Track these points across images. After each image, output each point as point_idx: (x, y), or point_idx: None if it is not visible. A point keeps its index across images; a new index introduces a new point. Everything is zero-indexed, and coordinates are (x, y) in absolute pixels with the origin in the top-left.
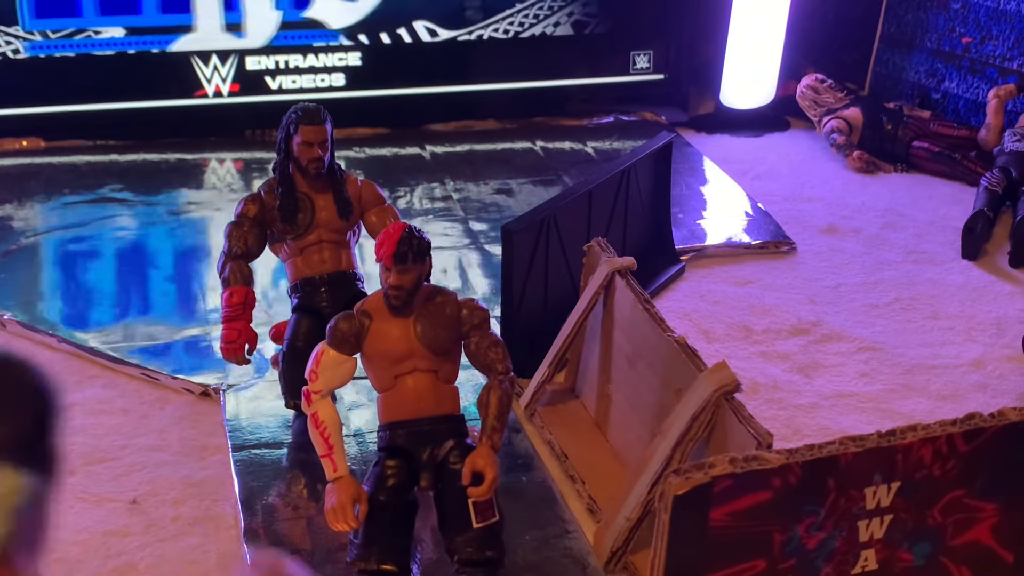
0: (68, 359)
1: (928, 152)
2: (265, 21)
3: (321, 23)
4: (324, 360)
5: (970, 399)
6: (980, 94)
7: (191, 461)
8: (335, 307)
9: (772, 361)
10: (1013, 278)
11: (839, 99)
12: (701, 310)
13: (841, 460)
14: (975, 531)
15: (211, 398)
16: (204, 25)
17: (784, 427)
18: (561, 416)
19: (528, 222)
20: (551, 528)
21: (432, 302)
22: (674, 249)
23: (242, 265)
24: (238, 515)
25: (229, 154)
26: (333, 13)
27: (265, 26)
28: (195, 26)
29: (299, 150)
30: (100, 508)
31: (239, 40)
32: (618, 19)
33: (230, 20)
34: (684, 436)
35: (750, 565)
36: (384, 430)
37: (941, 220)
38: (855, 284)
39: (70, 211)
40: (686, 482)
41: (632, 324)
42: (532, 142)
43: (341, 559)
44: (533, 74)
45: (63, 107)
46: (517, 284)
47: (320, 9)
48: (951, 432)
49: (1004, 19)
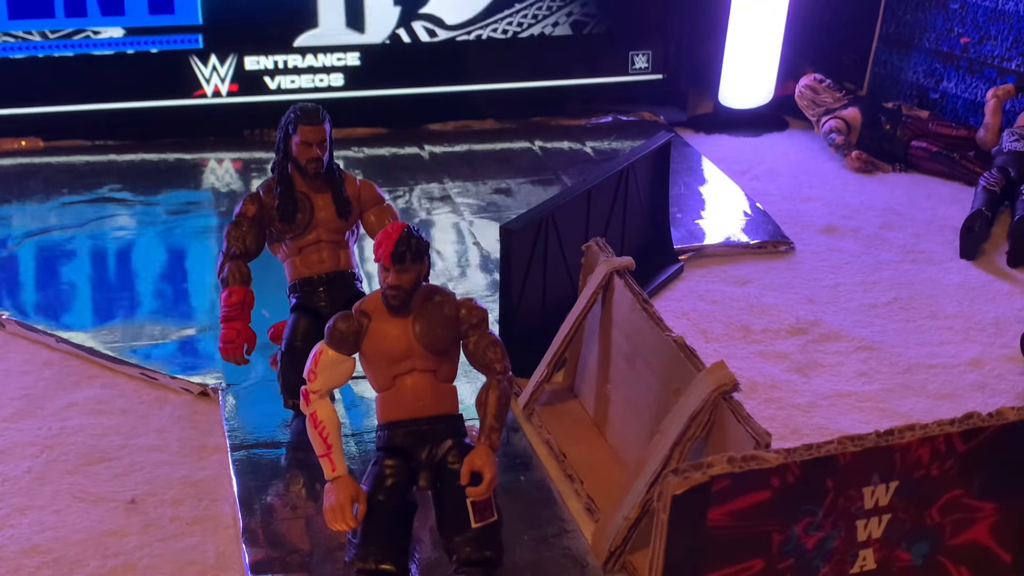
0: (67, 359)
1: (927, 152)
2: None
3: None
4: (323, 360)
5: (968, 399)
6: (978, 94)
7: (190, 461)
8: (333, 307)
9: (770, 361)
10: (1011, 278)
11: (838, 99)
12: (699, 310)
13: (839, 460)
14: (973, 531)
15: (210, 398)
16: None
17: (782, 427)
18: (559, 415)
19: (527, 222)
20: (549, 527)
21: (431, 302)
22: (672, 249)
23: (241, 265)
24: (237, 515)
25: (228, 154)
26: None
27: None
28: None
29: (298, 150)
30: (98, 508)
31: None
32: (617, 19)
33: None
34: (682, 436)
35: (748, 565)
36: (383, 430)
37: (939, 220)
38: (853, 284)
39: (69, 211)
40: (684, 482)
41: (631, 324)
42: (531, 142)
43: (340, 558)
44: (532, 74)
45: (62, 107)
46: (516, 284)
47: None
48: (949, 432)
49: (1002, 19)
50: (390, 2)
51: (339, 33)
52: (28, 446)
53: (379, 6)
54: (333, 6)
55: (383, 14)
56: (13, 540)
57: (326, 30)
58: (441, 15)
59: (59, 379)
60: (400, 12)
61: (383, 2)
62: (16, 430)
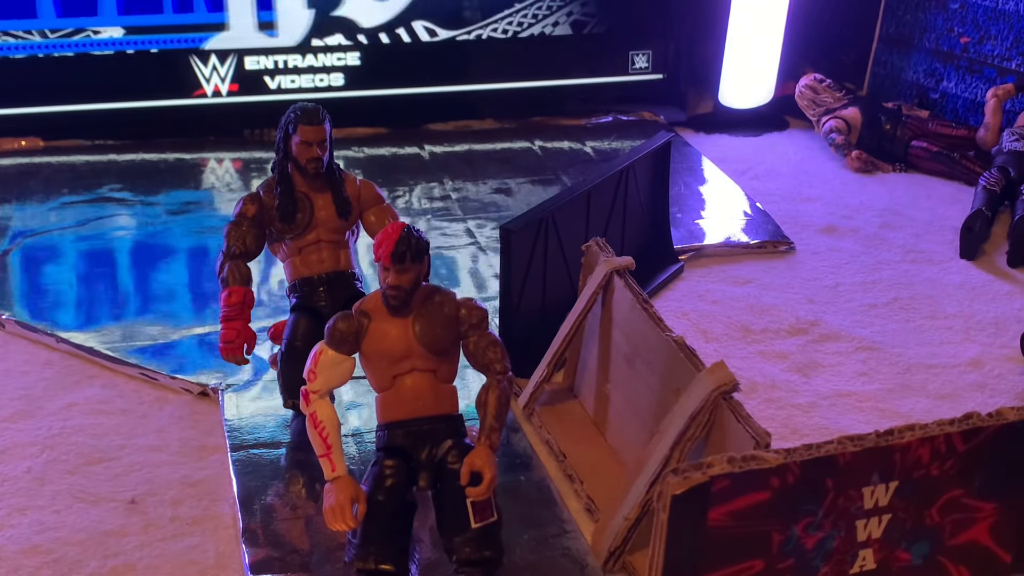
0: (67, 359)
1: (927, 152)
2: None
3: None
4: (323, 360)
5: (968, 399)
6: (978, 94)
7: (190, 461)
8: (333, 307)
9: (770, 361)
10: (1011, 277)
11: (838, 99)
12: (699, 310)
13: (839, 460)
14: (973, 531)
15: (210, 398)
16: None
17: (782, 427)
18: (559, 416)
19: (527, 222)
20: (549, 528)
21: (431, 302)
22: (672, 249)
23: (240, 265)
24: (236, 515)
25: (228, 154)
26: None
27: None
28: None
29: (298, 150)
30: (98, 508)
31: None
32: (617, 19)
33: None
34: (682, 436)
35: (748, 565)
36: (382, 430)
37: (939, 220)
38: (853, 284)
39: (68, 211)
40: (684, 482)
41: (630, 324)
42: (531, 142)
43: (339, 559)
44: (532, 74)
45: (62, 107)
46: (516, 284)
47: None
48: (949, 432)
49: (1002, 19)
50: (303, 4)
51: (250, 36)
52: (28, 446)
53: (291, 8)
54: (242, 9)
55: (296, 16)
56: (13, 540)
57: (236, 33)
58: (355, 18)
59: (59, 379)
60: (314, 15)
61: (296, 4)
62: (16, 430)
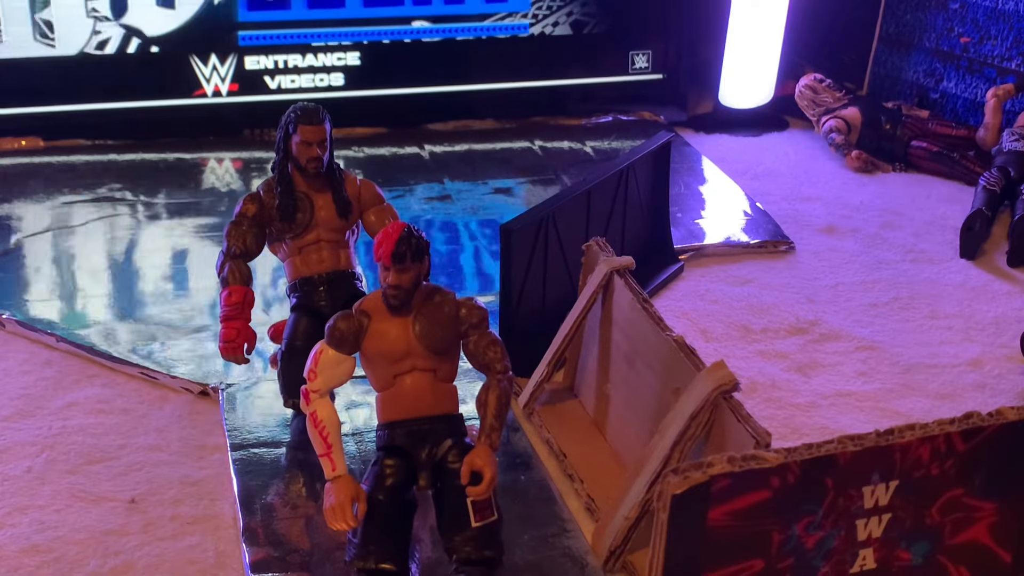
0: (67, 358)
1: (927, 151)
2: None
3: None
4: (323, 359)
5: (968, 398)
6: (978, 94)
7: (190, 460)
8: (333, 306)
9: (770, 360)
10: (1011, 277)
11: (838, 99)
12: (699, 309)
13: (839, 459)
14: (973, 530)
15: (210, 397)
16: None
17: (782, 426)
18: (560, 415)
19: (527, 221)
20: (549, 527)
21: (431, 301)
22: (672, 248)
23: (241, 264)
24: (237, 514)
25: (228, 154)
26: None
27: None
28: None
29: (298, 149)
30: (99, 507)
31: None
32: (617, 19)
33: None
34: (682, 435)
35: (748, 564)
36: (383, 429)
37: (939, 219)
38: (853, 283)
39: (69, 210)
40: (684, 481)
41: (631, 323)
42: (531, 141)
43: (340, 558)
44: (532, 74)
45: (62, 107)
46: (516, 283)
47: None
48: (949, 431)
49: (1002, 19)
50: (82, 13)
51: (26, 46)
52: (28, 446)
53: (70, 17)
54: (17, 17)
55: (74, 25)
56: (13, 539)
57: (12, 41)
58: (140, 26)
59: (59, 379)
60: (92, 24)
61: (74, 13)
62: (16, 430)
